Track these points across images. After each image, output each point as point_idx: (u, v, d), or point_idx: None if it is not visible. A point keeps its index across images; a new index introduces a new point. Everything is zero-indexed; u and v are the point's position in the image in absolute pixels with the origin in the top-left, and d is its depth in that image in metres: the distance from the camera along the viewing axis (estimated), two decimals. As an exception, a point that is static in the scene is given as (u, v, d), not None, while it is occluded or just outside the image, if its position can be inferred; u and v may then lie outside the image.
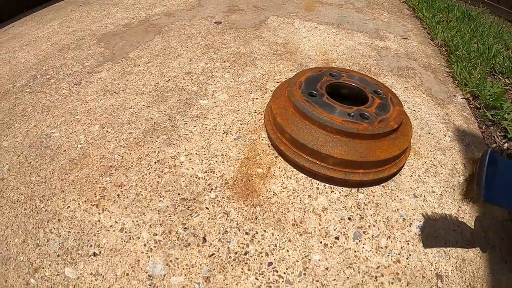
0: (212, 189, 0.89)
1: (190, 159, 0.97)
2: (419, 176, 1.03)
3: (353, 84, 1.10)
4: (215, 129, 1.08)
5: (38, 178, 0.94)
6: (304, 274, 0.75)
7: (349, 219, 0.87)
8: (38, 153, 1.03)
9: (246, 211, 0.84)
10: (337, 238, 0.83)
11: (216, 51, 1.55)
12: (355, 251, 0.81)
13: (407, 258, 0.82)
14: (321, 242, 0.81)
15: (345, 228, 0.85)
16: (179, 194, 0.87)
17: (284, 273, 0.75)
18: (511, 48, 2.44)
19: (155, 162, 0.96)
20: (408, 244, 0.85)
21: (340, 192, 0.92)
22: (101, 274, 0.73)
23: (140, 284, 0.71)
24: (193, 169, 0.94)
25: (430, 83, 1.58)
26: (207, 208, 0.84)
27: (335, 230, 0.84)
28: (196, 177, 0.92)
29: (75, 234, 0.80)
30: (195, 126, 1.09)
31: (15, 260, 0.76)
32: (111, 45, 1.64)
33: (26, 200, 0.88)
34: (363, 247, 0.82)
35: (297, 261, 0.77)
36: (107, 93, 1.27)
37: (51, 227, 0.82)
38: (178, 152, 0.99)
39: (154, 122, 1.10)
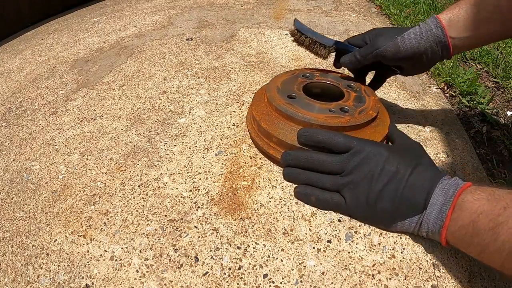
0: (198, 207, 0.87)
1: (174, 179, 0.95)
2: None
3: (327, 82, 1.13)
4: (196, 146, 1.07)
5: (22, 214, 0.91)
6: (301, 281, 0.74)
7: (339, 220, 0.87)
8: (19, 187, 0.99)
9: (235, 225, 0.83)
10: (329, 241, 0.82)
11: (189, 68, 1.54)
12: (349, 252, 0.80)
13: (401, 252, 0.81)
14: (314, 248, 0.80)
15: (336, 230, 0.84)
16: (166, 215, 0.85)
17: (281, 283, 0.73)
18: None
19: (139, 186, 0.93)
20: (400, 238, 0.84)
21: (325, 196, 0.92)
22: None
23: None
24: (177, 189, 0.92)
25: (404, 77, 1.59)
26: (195, 227, 0.82)
27: (326, 233, 0.83)
28: (181, 197, 0.90)
29: (65, 267, 0.76)
30: (175, 146, 1.07)
31: (6, 301, 0.72)
32: (84, 71, 1.61)
33: (12, 237, 0.85)
34: (357, 247, 0.81)
35: (292, 269, 0.76)
36: (84, 120, 1.23)
37: (40, 263, 0.78)
38: (161, 174, 0.97)
39: (134, 145, 1.08)
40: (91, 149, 1.09)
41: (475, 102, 1.50)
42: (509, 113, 1.49)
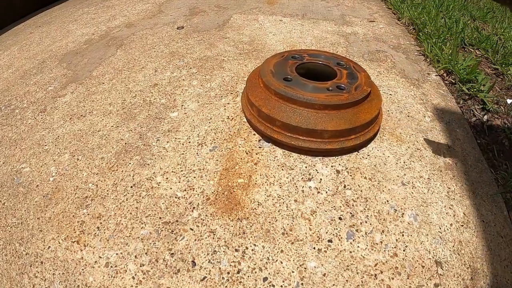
0: (194, 207, 0.82)
1: (167, 178, 0.90)
2: (404, 162, 0.99)
3: (318, 62, 1.14)
4: (189, 142, 1.01)
5: (14, 220, 0.86)
6: (302, 284, 0.70)
7: (340, 218, 0.82)
8: (10, 192, 0.94)
9: (232, 226, 0.78)
10: (330, 241, 0.78)
11: (181, 58, 1.46)
12: (350, 252, 0.76)
13: (404, 250, 0.78)
14: (314, 248, 0.76)
15: (337, 229, 0.80)
16: (160, 218, 0.80)
17: (281, 286, 0.70)
18: (478, 19, 2.44)
19: (131, 187, 0.88)
20: (403, 235, 0.81)
21: (327, 192, 0.87)
22: None
23: None
24: (171, 188, 0.87)
25: (403, 64, 1.54)
26: (191, 229, 0.78)
27: (327, 233, 0.79)
28: (175, 197, 0.85)
29: (60, 275, 0.73)
30: (167, 142, 1.02)
31: (1, 314, 0.69)
32: (73, 65, 1.53)
33: (5, 245, 0.80)
34: (358, 246, 0.77)
35: (293, 272, 0.72)
36: (74, 118, 1.17)
37: (35, 271, 0.74)
38: (154, 173, 0.92)
39: (125, 143, 1.02)
40: (81, 148, 1.03)
41: (475, 89, 1.44)
42: (509, 101, 1.44)
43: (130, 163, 0.95)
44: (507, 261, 0.79)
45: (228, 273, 0.71)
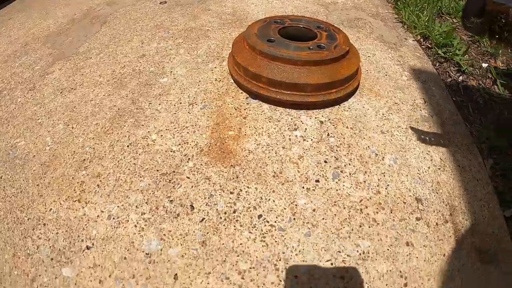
0: (189, 158, 0.86)
1: (162, 135, 0.93)
2: (383, 114, 1.05)
3: (300, 25, 1.19)
4: (180, 103, 1.05)
5: (13, 190, 0.88)
6: (294, 219, 0.75)
7: (325, 161, 0.87)
8: (7, 166, 0.95)
9: (226, 172, 0.83)
10: (317, 181, 0.83)
11: (166, 30, 1.48)
12: (337, 190, 0.82)
13: (386, 188, 0.84)
14: (303, 187, 0.81)
15: (323, 170, 0.85)
16: (158, 170, 0.84)
17: (275, 221, 0.75)
18: None
19: (128, 146, 0.92)
20: (384, 176, 0.86)
21: (312, 140, 0.93)
22: (99, 265, 0.70)
23: (140, 264, 0.70)
24: (166, 144, 0.91)
25: (381, 30, 1.59)
26: (188, 177, 0.82)
27: (314, 174, 0.84)
28: (171, 151, 0.89)
29: (63, 233, 0.76)
30: (160, 104, 1.05)
31: (9, 277, 0.71)
32: (58, 44, 1.53)
33: (6, 215, 0.83)
34: (344, 185, 0.83)
35: (285, 209, 0.77)
36: (65, 91, 1.19)
37: (38, 234, 0.77)
38: (149, 132, 0.95)
39: (118, 109, 1.05)
40: (75, 117, 1.05)
41: (451, 53, 1.49)
42: (484, 65, 1.49)
43: (125, 126, 0.98)
44: (483, 201, 0.86)
45: (225, 213, 0.75)
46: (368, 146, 0.93)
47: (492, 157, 1.02)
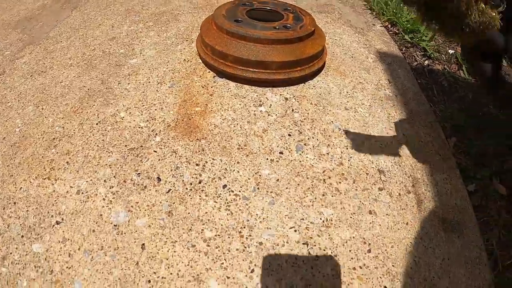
0: (156, 134, 0.88)
1: (130, 113, 0.95)
2: (347, 92, 1.09)
3: (267, 7, 1.23)
4: (149, 82, 1.06)
5: (-18, 173, 0.88)
6: (258, 188, 0.79)
7: (289, 135, 0.91)
8: (-24, 149, 0.96)
9: (192, 145, 0.85)
10: (281, 153, 0.86)
11: (137, 14, 1.48)
12: (300, 161, 0.85)
13: (348, 160, 0.88)
14: (267, 159, 0.84)
15: (287, 143, 0.89)
16: (126, 145, 0.86)
17: (239, 191, 0.78)
18: None
19: (97, 124, 0.93)
20: (347, 148, 0.90)
21: (276, 115, 0.96)
22: (68, 239, 0.72)
23: (108, 235, 0.72)
24: (134, 120, 0.92)
25: (349, 15, 1.62)
26: (155, 151, 0.84)
27: (278, 146, 0.87)
28: (139, 127, 0.90)
29: (33, 210, 0.77)
30: (129, 84, 1.06)
31: (-19, 258, 0.72)
32: (28, 30, 1.51)
33: (-25, 197, 0.83)
34: (307, 157, 0.86)
35: (249, 179, 0.80)
36: (35, 74, 1.18)
37: (8, 212, 0.78)
38: (117, 110, 0.96)
39: (88, 89, 1.06)
40: (45, 99, 1.05)
41: (417, 39, 1.53)
42: (450, 51, 1.52)
43: (94, 105, 0.99)
44: (446, 175, 0.90)
45: (191, 183, 0.78)
46: (332, 121, 0.96)
47: (456, 135, 1.07)
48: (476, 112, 1.18)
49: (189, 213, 0.74)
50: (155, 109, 0.95)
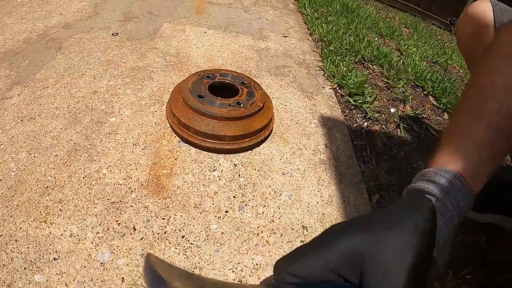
0: (132, 191, 1.14)
1: (111, 170, 1.20)
2: (286, 158, 1.34)
3: (226, 81, 1.47)
4: (126, 142, 1.31)
5: (-17, 212, 1.01)
6: (207, 239, 1.03)
7: (234, 197, 1.17)
8: (-27, 191, 1.07)
9: (159, 203, 1.12)
10: (226, 211, 1.12)
11: (116, 67, 1.70)
12: (240, 219, 1.10)
13: (279, 218, 1.11)
14: (215, 216, 1.10)
15: (232, 204, 1.15)
16: (108, 199, 1.11)
17: (194, 240, 1.02)
18: (385, 35, 2.59)
19: (84, 177, 1.16)
20: (279, 208, 1.15)
21: (226, 179, 1.23)
22: (65, 272, 0.90)
23: (96, 270, 0.92)
24: (114, 178, 1.17)
25: (302, 78, 1.83)
26: (131, 206, 1.10)
27: (225, 206, 1.14)
28: (118, 184, 1.16)
29: (33, 247, 0.95)
30: (109, 142, 1.30)
31: (-13, 285, 0.87)
32: (15, 66, 1.64)
33: (-23, 234, 0.96)
34: (246, 215, 1.11)
35: (201, 231, 1.05)
36: (24, 120, 1.35)
37: (11, 248, 0.94)
38: (100, 166, 1.20)
39: (74, 143, 1.28)
40: (36, 147, 1.24)
41: (360, 101, 1.64)
42: (392, 110, 1.67)
43: (80, 159, 1.22)
44: None
45: (158, 233, 1.04)
46: (270, 185, 1.21)
47: (380, 192, 1.23)
48: (405, 168, 1.35)
49: (156, 256, 1.01)
50: (131, 169, 1.21)
